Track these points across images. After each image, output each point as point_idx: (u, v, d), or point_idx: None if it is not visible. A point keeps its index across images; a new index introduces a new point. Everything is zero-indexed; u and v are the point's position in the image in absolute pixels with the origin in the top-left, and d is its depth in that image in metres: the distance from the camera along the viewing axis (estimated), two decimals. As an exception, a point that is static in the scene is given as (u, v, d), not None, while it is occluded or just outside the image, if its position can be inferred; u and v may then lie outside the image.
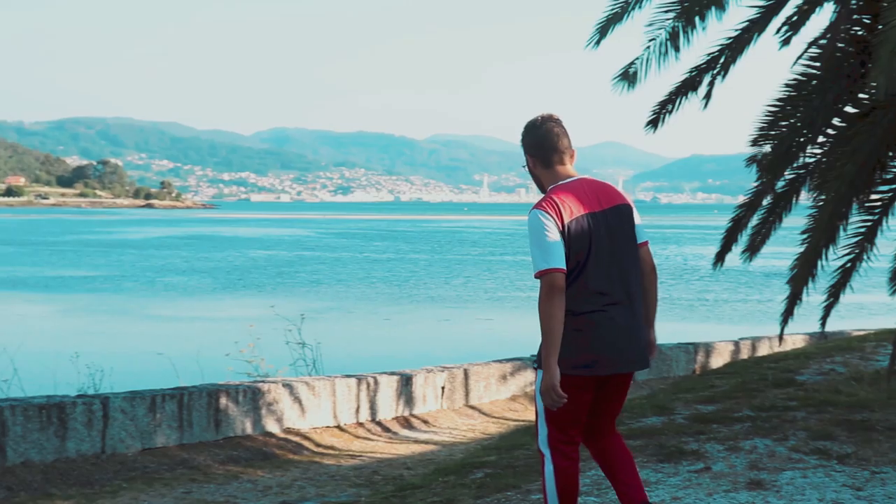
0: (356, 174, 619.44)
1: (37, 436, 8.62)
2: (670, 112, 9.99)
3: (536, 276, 4.54)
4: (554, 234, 4.52)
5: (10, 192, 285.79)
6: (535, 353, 4.69)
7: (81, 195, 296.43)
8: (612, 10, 9.70)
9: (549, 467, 4.66)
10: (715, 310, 35.77)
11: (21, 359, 11.05)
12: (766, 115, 9.17)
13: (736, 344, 17.00)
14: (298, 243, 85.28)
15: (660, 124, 10.14)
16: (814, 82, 8.92)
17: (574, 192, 4.66)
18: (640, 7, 9.57)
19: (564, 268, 4.50)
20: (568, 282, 4.53)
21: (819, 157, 9.57)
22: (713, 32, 9.64)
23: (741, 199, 10.54)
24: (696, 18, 9.26)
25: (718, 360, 16.02)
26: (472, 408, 13.12)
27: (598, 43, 9.80)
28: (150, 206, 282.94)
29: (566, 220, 4.55)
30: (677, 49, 9.40)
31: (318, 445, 10.69)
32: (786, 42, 9.44)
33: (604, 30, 9.77)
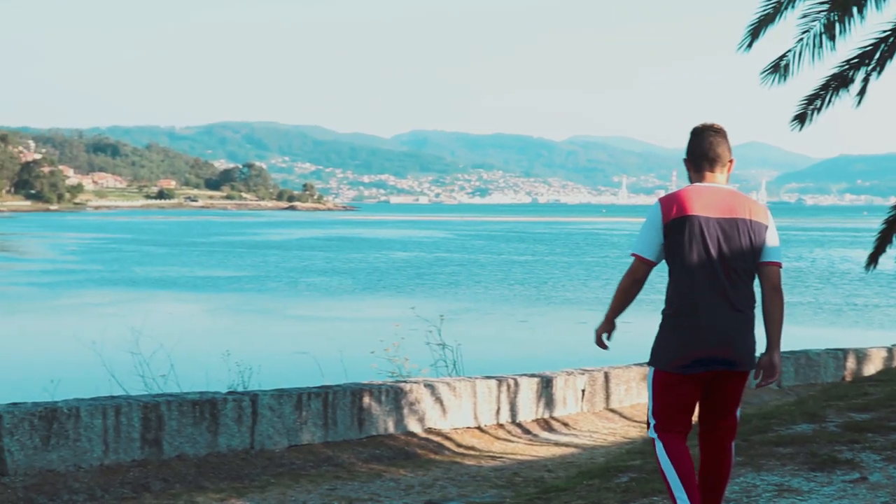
0: (494, 176, 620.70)
1: (190, 430, 8.91)
2: (819, 109, 9.70)
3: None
4: (653, 225, 4.87)
5: (161, 194, 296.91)
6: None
7: (228, 197, 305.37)
8: (765, 11, 9.47)
9: (658, 447, 4.92)
10: (865, 315, 34.56)
11: (176, 355, 11.45)
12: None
13: (890, 350, 16.35)
14: (437, 245, 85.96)
15: (807, 121, 9.85)
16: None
17: (699, 195, 4.81)
18: (792, 7, 9.31)
19: (647, 256, 4.90)
20: (670, 279, 4.88)
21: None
22: (871, 25, 9.29)
23: (894, 199, 10.17)
24: (854, 9, 8.95)
25: (870, 367, 15.45)
26: (613, 411, 12.99)
27: (749, 46, 9.58)
28: (292, 207, 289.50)
29: (672, 216, 4.77)
30: (833, 39, 9.10)
31: (459, 446, 10.75)
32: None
33: (756, 31, 9.55)
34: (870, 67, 9.22)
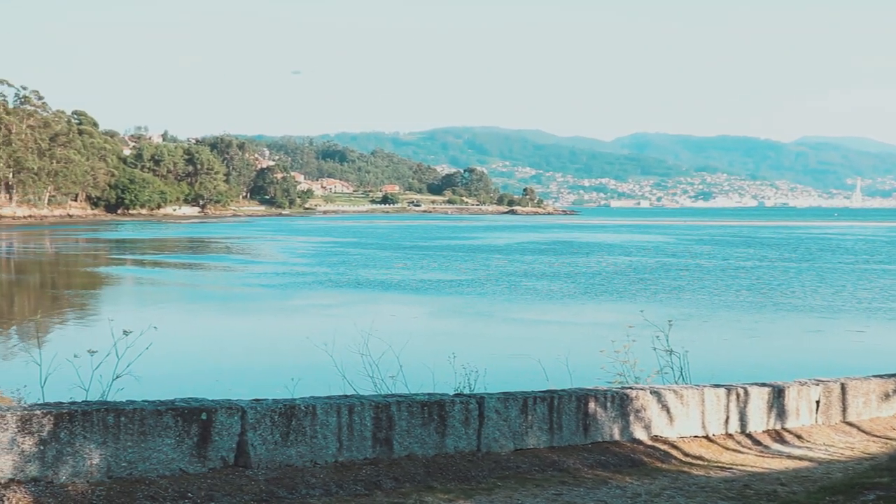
0: (717, 179, 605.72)
1: (419, 431, 9.10)
2: None
3: None
4: None
5: (386, 199, 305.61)
6: None
7: (449, 202, 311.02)
8: None
9: None
10: None
11: (403, 357, 11.71)
12: None
13: None
14: (659, 249, 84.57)
15: None
16: None
17: None
18: None
19: None
20: None
21: None
22: None
23: None
24: None
25: None
26: (850, 424, 12.41)
27: None
28: (512, 212, 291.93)
29: None
30: None
31: (686, 455, 10.53)
32: None
33: None
34: None
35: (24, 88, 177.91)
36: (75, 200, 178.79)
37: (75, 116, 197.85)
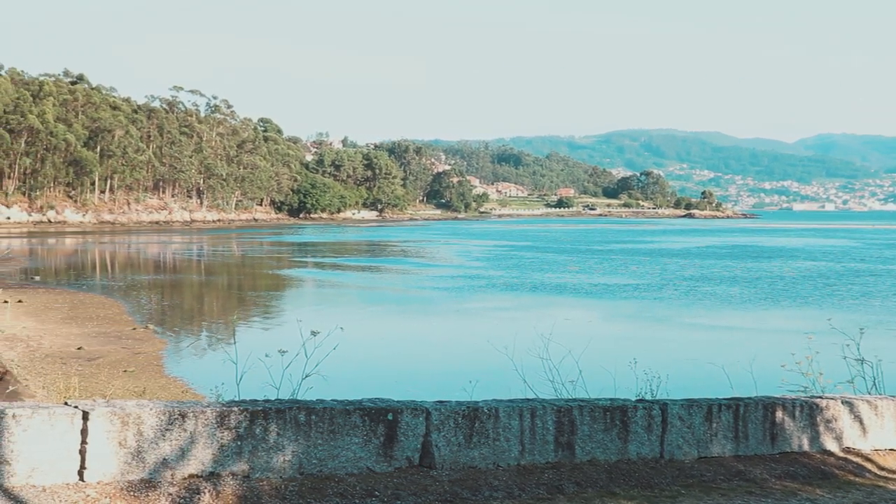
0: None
1: (601, 436, 9.04)
2: None
3: None
4: None
5: (560, 202, 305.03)
6: None
7: (625, 205, 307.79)
8: None
9: None
10: None
11: (583, 362, 11.66)
12: None
13: None
14: (846, 254, 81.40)
15: None
16: None
17: None
18: None
19: None
20: None
21: None
22: None
23: None
24: None
25: None
26: None
27: None
28: (690, 215, 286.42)
29: None
30: None
31: (882, 469, 10.10)
32: None
33: None
34: None
35: (215, 98, 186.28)
36: (260, 205, 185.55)
37: (261, 124, 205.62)
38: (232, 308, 37.76)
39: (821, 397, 10.70)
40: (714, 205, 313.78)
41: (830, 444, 10.31)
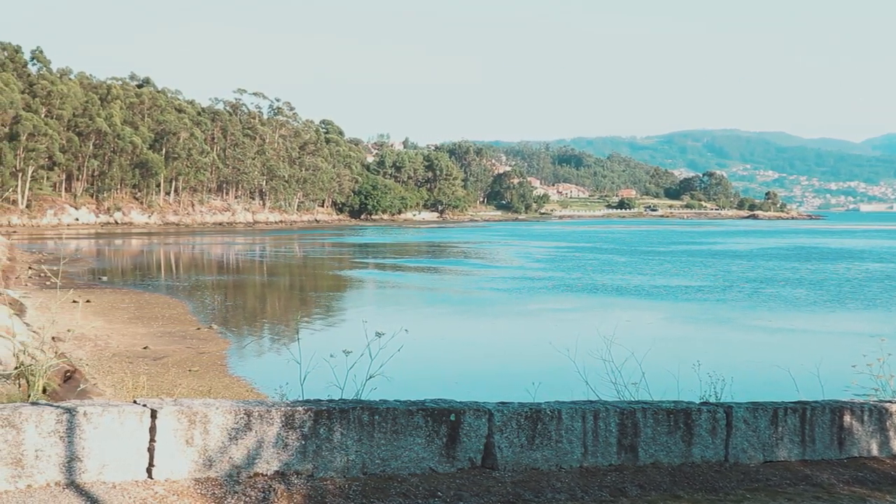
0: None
1: (665, 439, 8.98)
2: None
3: None
4: None
5: (622, 204, 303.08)
6: None
7: (687, 206, 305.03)
8: None
9: None
10: None
11: (646, 364, 11.57)
12: None
13: None
14: (915, 255, 79.82)
15: None
16: None
17: None
18: None
19: None
20: None
21: None
22: None
23: None
24: None
25: None
26: None
27: None
28: (753, 216, 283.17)
29: None
30: None
31: (953, 475, 9.89)
32: None
33: None
34: None
35: (278, 100, 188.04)
36: (322, 206, 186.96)
37: (323, 125, 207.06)
38: (294, 309, 38.07)
39: (891, 401, 10.52)
40: (778, 206, 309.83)
41: (901, 450, 10.13)
